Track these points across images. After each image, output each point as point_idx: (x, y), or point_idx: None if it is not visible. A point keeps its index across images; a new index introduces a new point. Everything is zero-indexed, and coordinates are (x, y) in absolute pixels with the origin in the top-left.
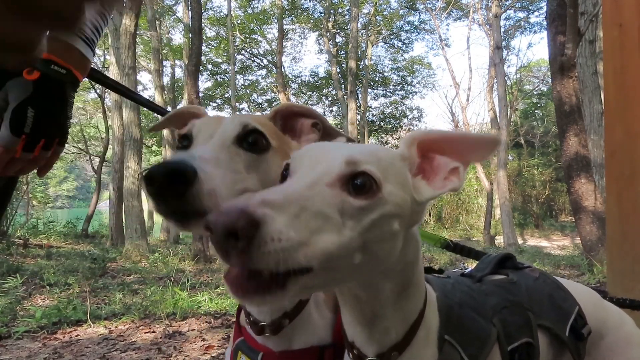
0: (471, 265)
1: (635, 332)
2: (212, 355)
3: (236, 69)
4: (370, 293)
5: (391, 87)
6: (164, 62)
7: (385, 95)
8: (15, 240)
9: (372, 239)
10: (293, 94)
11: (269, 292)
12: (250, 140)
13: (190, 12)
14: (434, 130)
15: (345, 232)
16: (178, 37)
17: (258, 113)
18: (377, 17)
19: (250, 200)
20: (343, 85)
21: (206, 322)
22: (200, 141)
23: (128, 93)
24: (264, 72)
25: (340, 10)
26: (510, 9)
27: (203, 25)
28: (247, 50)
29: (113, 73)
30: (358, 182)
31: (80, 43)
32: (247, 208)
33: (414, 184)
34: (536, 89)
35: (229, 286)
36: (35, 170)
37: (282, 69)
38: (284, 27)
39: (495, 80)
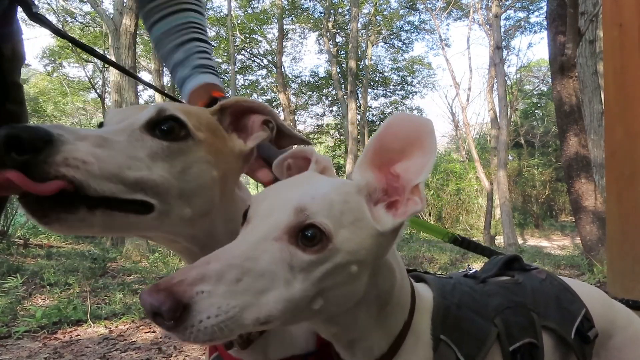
0: (476, 264)
1: None
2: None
3: (236, 69)
4: (344, 324)
5: (391, 87)
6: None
7: (385, 95)
8: (16, 240)
9: (328, 286)
10: (293, 94)
11: (227, 338)
12: (163, 128)
13: None
14: (368, 142)
15: (296, 285)
16: None
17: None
18: (377, 17)
19: (185, 276)
20: (343, 85)
21: None
22: (107, 125)
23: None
24: (264, 72)
25: (340, 10)
26: (510, 9)
27: None
28: (247, 50)
29: (113, 73)
30: (308, 234)
31: (220, 81)
32: (176, 289)
33: (375, 215)
34: (536, 89)
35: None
36: None
37: (282, 69)
38: (284, 27)
39: (495, 80)
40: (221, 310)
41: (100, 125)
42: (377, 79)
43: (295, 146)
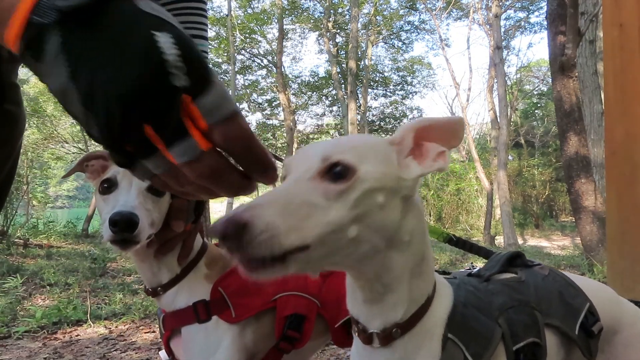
0: (478, 262)
1: None
2: None
3: (236, 69)
4: (382, 269)
5: (391, 87)
6: None
7: (385, 95)
8: (15, 240)
9: (361, 212)
10: (293, 94)
11: (272, 269)
12: (153, 188)
13: None
14: (423, 119)
15: (333, 212)
16: None
17: None
18: (377, 17)
19: (240, 208)
20: (343, 85)
21: None
22: (124, 187)
23: None
24: (264, 72)
25: (340, 10)
26: (510, 9)
27: None
28: (247, 50)
29: None
30: (335, 171)
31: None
32: (233, 216)
33: (404, 163)
34: (536, 89)
35: (240, 269)
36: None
37: (282, 69)
38: (284, 27)
39: (495, 80)
40: (269, 227)
41: (107, 180)
42: (377, 79)
43: None
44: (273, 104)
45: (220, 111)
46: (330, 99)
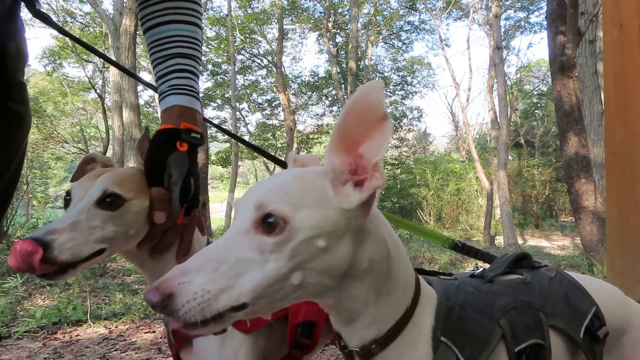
0: (482, 263)
1: None
2: None
3: (236, 69)
4: (342, 298)
5: (391, 87)
6: None
7: (385, 96)
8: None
9: (302, 260)
10: (293, 94)
11: (207, 328)
12: (108, 201)
13: None
14: (335, 125)
15: (269, 265)
16: None
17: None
18: (377, 17)
19: (172, 273)
20: (343, 85)
21: None
22: (74, 202)
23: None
24: (264, 72)
25: (340, 10)
26: (510, 9)
27: (203, 25)
28: (247, 50)
29: (113, 73)
30: (268, 221)
31: (197, 103)
32: (159, 286)
33: (343, 192)
34: (536, 89)
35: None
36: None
37: (282, 69)
38: (284, 27)
39: (495, 80)
40: (197, 295)
41: (67, 193)
42: (377, 79)
43: (293, 152)
44: (273, 104)
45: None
46: (330, 99)
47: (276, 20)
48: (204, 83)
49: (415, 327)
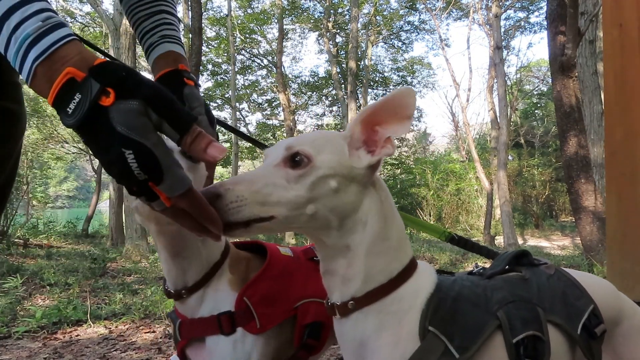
0: (482, 263)
1: None
2: None
3: (236, 69)
4: (339, 243)
5: (391, 87)
6: None
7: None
8: (15, 240)
9: (317, 194)
10: (293, 94)
11: (237, 231)
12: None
13: (190, 12)
14: (368, 106)
15: (292, 192)
16: None
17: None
18: (377, 17)
19: (221, 183)
20: (343, 85)
21: None
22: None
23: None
24: (264, 72)
25: (340, 10)
26: (510, 9)
27: (203, 25)
28: (247, 50)
29: None
30: (296, 159)
31: (182, 49)
32: (210, 188)
33: (355, 154)
34: (536, 89)
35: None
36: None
37: (282, 69)
38: (284, 27)
39: (495, 80)
40: (238, 198)
41: None
42: (377, 79)
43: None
44: (273, 104)
45: (174, 191)
46: (330, 99)
47: (276, 20)
48: (203, 83)
49: (400, 301)
